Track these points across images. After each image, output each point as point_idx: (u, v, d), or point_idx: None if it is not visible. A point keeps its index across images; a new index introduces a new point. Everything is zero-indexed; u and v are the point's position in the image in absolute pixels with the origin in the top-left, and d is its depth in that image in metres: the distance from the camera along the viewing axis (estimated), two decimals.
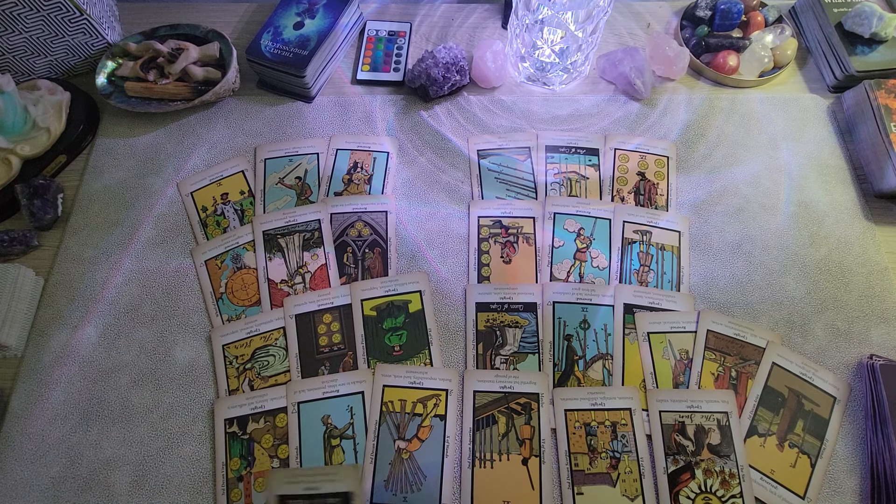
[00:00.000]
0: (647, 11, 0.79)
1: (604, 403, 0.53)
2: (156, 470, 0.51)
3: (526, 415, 0.53)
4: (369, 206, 0.63)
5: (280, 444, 0.52)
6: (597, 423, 0.52)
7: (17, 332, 0.56)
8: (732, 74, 0.70)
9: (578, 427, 0.52)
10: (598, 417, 0.52)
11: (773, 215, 0.63)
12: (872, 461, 0.50)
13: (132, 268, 0.60)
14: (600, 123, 0.69)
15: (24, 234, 0.60)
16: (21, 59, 0.68)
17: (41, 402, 0.54)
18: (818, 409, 0.53)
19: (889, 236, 0.62)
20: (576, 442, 0.51)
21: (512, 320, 0.57)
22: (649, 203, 0.64)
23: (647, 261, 0.60)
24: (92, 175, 0.66)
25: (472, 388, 0.54)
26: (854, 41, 0.70)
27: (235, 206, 0.64)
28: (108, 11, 0.72)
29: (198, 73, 0.68)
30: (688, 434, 0.52)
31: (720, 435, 0.51)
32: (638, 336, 0.56)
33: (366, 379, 0.54)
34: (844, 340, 0.56)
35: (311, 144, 0.67)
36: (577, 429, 0.52)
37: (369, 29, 0.76)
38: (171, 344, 0.57)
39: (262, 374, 0.55)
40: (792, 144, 0.67)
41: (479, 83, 0.71)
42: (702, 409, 0.52)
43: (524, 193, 0.64)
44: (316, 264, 0.60)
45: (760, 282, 0.59)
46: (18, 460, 0.51)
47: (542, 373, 0.55)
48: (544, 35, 0.65)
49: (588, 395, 0.53)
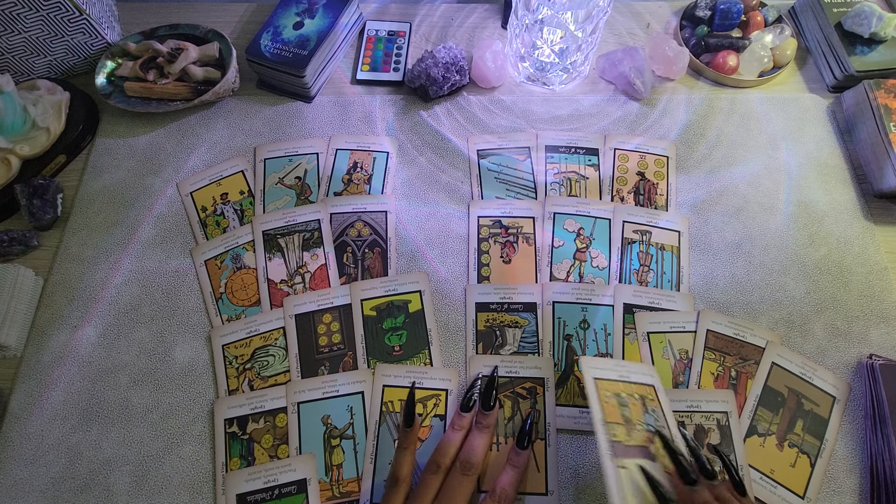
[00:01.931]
0: (647, 11, 0.79)
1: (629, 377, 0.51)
2: (155, 470, 0.51)
3: (531, 399, 0.53)
4: (369, 206, 0.63)
5: (280, 444, 0.52)
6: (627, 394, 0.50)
7: (16, 332, 0.56)
8: (732, 74, 0.71)
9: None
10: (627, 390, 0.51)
11: (773, 215, 0.63)
12: (872, 461, 0.50)
13: (132, 268, 0.60)
14: (600, 123, 0.69)
15: (23, 234, 0.60)
16: (20, 59, 0.67)
17: (41, 403, 0.54)
18: (818, 408, 0.53)
19: (888, 236, 0.62)
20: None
21: (512, 320, 0.57)
22: (649, 203, 0.64)
23: (647, 261, 0.60)
24: (91, 175, 0.66)
25: (477, 373, 0.54)
26: (853, 41, 0.70)
27: (235, 206, 0.64)
28: (107, 11, 0.72)
29: (197, 72, 0.68)
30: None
31: (720, 435, 0.51)
32: (638, 336, 0.56)
33: (366, 379, 0.54)
34: (844, 340, 0.56)
35: (310, 144, 0.67)
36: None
37: (369, 29, 0.76)
38: (170, 344, 0.57)
39: (262, 374, 0.55)
40: (791, 144, 0.68)
41: (478, 83, 0.71)
42: (701, 408, 0.52)
43: (524, 193, 0.64)
44: (316, 264, 0.60)
45: (760, 281, 0.59)
46: (18, 460, 0.51)
47: (548, 358, 0.55)
48: (544, 35, 0.65)
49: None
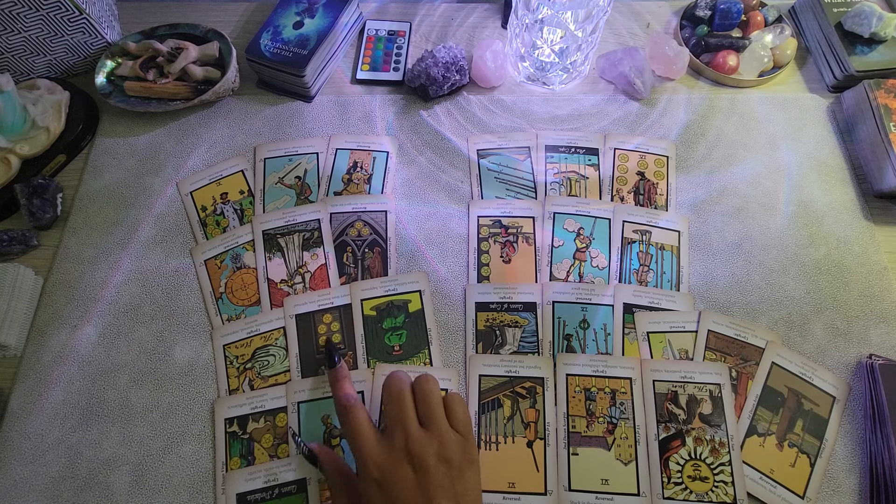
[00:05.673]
0: (647, 11, 0.79)
1: (605, 371, 0.54)
2: (155, 470, 0.51)
3: (531, 398, 0.53)
4: (369, 206, 0.63)
5: (280, 444, 0.52)
6: (597, 389, 0.53)
7: (16, 331, 0.56)
8: (732, 74, 0.71)
9: (578, 391, 0.53)
10: (599, 384, 0.54)
11: (773, 215, 0.63)
12: (872, 461, 0.50)
13: (132, 267, 0.60)
14: (600, 123, 0.69)
15: (23, 233, 0.60)
16: (20, 59, 0.67)
17: (40, 402, 0.54)
18: (817, 408, 0.53)
19: (888, 236, 0.62)
20: (575, 405, 0.53)
21: (511, 320, 0.57)
22: (649, 203, 0.64)
23: (647, 260, 0.60)
24: (91, 174, 0.65)
25: (476, 373, 0.54)
26: (854, 41, 0.70)
27: (235, 205, 0.64)
28: (107, 11, 0.72)
29: (197, 72, 0.68)
30: (680, 403, 0.53)
31: (712, 405, 0.52)
32: (637, 336, 0.56)
33: (366, 379, 0.54)
34: (844, 340, 0.56)
35: (310, 144, 0.67)
36: (577, 393, 0.53)
37: (369, 28, 0.75)
38: (170, 343, 0.57)
39: (263, 374, 0.55)
40: (791, 144, 0.68)
41: (478, 83, 0.71)
42: (695, 380, 0.54)
43: (524, 193, 0.64)
44: (316, 264, 0.60)
45: (760, 281, 0.59)
46: (18, 460, 0.51)
47: (547, 357, 0.55)
48: (544, 35, 0.65)
49: (590, 361, 0.55)
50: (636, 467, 0.50)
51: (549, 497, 0.49)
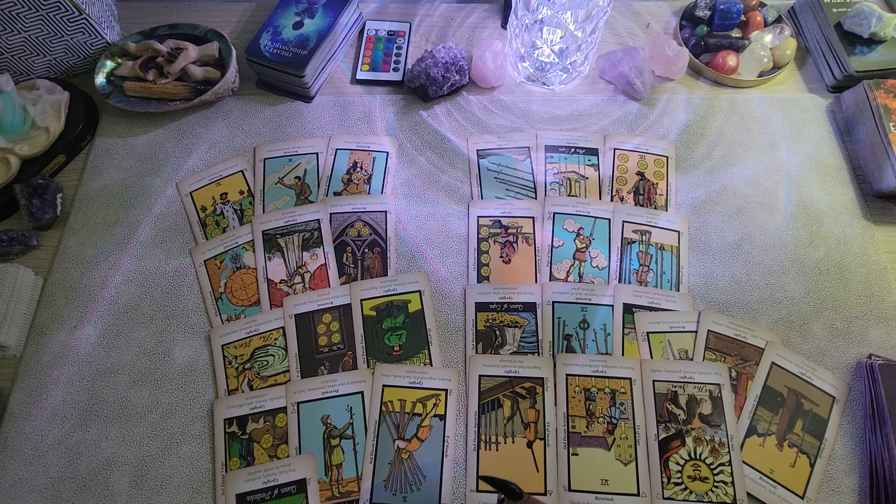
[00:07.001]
0: (647, 11, 0.79)
1: (605, 371, 0.54)
2: (155, 470, 0.51)
3: (531, 399, 0.53)
4: (369, 206, 0.63)
5: (280, 444, 0.52)
6: (597, 389, 0.53)
7: (16, 332, 0.56)
8: (732, 74, 0.71)
9: (578, 391, 0.53)
10: (599, 384, 0.54)
11: (773, 215, 0.63)
12: (871, 460, 0.50)
13: (131, 268, 0.60)
14: (600, 123, 0.69)
15: (23, 233, 0.60)
16: (20, 59, 0.67)
17: (40, 402, 0.54)
18: (817, 408, 0.53)
19: (888, 236, 0.62)
20: (575, 405, 0.53)
21: (511, 320, 0.57)
22: (649, 203, 0.64)
23: (647, 261, 0.60)
24: (91, 175, 0.65)
25: (476, 373, 0.54)
26: (853, 41, 0.70)
27: (235, 205, 0.64)
28: (107, 11, 0.72)
29: (197, 72, 0.68)
30: (680, 403, 0.53)
31: (712, 405, 0.53)
32: (637, 336, 0.56)
33: (365, 379, 0.54)
34: (843, 340, 0.56)
35: (310, 144, 0.67)
36: (577, 393, 0.53)
37: (369, 28, 0.75)
38: (170, 344, 0.57)
39: (262, 374, 0.55)
40: (791, 144, 0.68)
41: (478, 83, 0.71)
42: (695, 380, 0.54)
43: (524, 193, 0.64)
44: (315, 264, 0.60)
45: (759, 281, 0.59)
46: (17, 460, 0.51)
47: (547, 357, 0.55)
48: (544, 35, 0.65)
49: (590, 361, 0.55)
50: (636, 467, 0.50)
51: (549, 497, 0.49)
